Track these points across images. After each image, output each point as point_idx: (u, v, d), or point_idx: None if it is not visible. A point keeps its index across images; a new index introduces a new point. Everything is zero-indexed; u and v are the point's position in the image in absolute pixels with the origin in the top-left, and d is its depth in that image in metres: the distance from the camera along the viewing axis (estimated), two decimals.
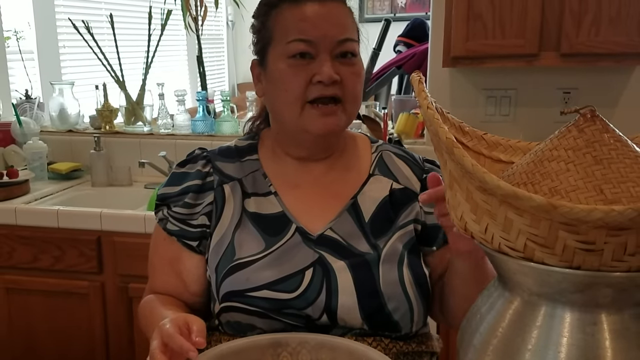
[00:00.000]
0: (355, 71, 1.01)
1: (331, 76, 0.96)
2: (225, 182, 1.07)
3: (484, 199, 0.59)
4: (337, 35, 0.98)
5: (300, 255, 1.00)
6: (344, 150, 1.11)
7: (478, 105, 2.26)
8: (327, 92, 0.97)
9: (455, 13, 1.92)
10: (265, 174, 1.08)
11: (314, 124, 0.99)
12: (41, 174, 2.39)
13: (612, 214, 0.50)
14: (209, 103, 2.54)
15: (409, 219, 1.05)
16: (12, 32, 2.78)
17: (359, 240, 1.02)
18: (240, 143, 1.14)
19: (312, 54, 0.98)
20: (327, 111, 0.98)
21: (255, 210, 1.05)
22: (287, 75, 0.99)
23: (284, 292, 0.97)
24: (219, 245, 1.03)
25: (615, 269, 0.54)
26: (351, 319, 0.97)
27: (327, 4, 0.99)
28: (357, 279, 0.98)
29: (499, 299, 0.65)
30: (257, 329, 0.98)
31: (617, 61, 1.90)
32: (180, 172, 1.10)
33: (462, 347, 0.68)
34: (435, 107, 0.67)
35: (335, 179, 1.08)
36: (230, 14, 5.42)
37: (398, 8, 5.44)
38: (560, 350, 0.57)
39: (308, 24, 0.98)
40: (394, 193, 1.07)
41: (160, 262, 1.10)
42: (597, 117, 0.61)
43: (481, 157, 0.74)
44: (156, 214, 1.10)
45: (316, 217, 1.04)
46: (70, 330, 2.06)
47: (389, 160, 1.11)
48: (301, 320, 0.97)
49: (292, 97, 0.99)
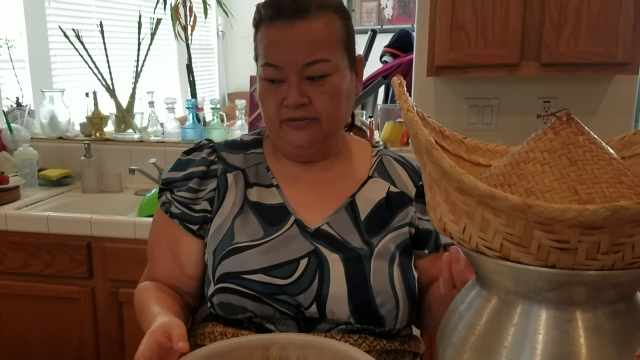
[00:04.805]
0: (326, 91, 1.01)
1: (296, 101, 1.00)
2: (229, 171, 1.11)
3: (462, 199, 0.60)
4: (304, 58, 0.99)
5: (296, 245, 1.03)
6: (341, 152, 1.14)
7: (461, 114, 2.29)
8: (295, 114, 1.01)
9: (439, 23, 1.95)
10: (268, 167, 1.12)
11: (290, 138, 1.04)
12: (32, 181, 2.40)
13: (585, 213, 0.51)
14: (199, 111, 2.56)
15: (403, 222, 1.08)
16: (4, 41, 2.78)
17: (354, 236, 1.05)
18: (246, 137, 1.18)
19: (281, 78, 1.01)
20: (300, 126, 1.02)
21: (256, 199, 1.08)
22: (262, 97, 1.04)
23: (279, 278, 1.00)
24: (218, 230, 1.06)
25: (589, 267, 0.55)
26: (339, 310, 0.99)
27: (297, 24, 0.99)
28: (348, 271, 1.01)
29: (477, 298, 0.66)
30: (248, 311, 1.00)
31: (595, 71, 1.92)
32: (186, 159, 1.14)
33: (441, 344, 0.69)
34: (416, 110, 0.68)
35: (334, 177, 1.11)
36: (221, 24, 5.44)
37: (385, 20, 5.51)
38: (536, 347, 0.58)
39: (275, 48, 1.00)
40: (391, 196, 1.10)
41: (159, 245, 1.12)
42: (573, 120, 0.62)
43: (461, 160, 0.74)
44: (159, 198, 1.13)
45: (315, 212, 1.07)
46: (61, 335, 2.07)
47: (388, 165, 1.14)
48: (291, 308, 1.00)
49: (268, 117, 1.05)
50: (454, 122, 2.28)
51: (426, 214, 1.06)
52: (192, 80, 2.73)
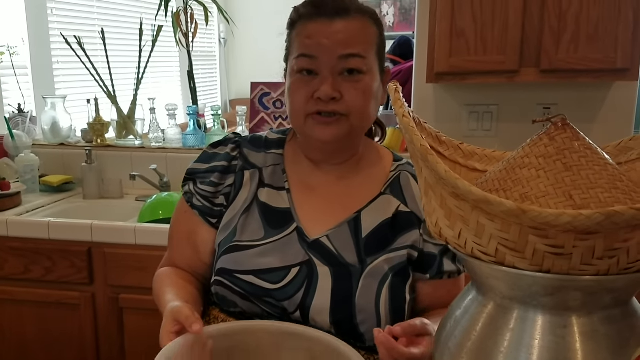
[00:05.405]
0: (359, 87, 1.01)
1: (328, 94, 0.99)
2: (247, 169, 1.13)
3: (457, 204, 0.60)
4: (339, 51, 1.00)
5: (292, 252, 1.05)
6: (362, 160, 1.13)
7: (461, 121, 2.29)
8: (326, 108, 1.01)
9: (438, 30, 1.95)
10: (285, 169, 1.13)
11: (314, 132, 1.04)
12: (33, 187, 2.41)
13: (580, 218, 0.51)
14: (200, 117, 2.57)
15: (404, 244, 1.06)
16: (6, 48, 2.80)
17: (350, 253, 1.05)
18: (272, 135, 1.18)
19: (315, 70, 1.01)
20: (326, 121, 1.02)
21: (265, 200, 1.10)
22: (293, 90, 1.04)
23: (267, 282, 1.03)
24: (227, 224, 1.10)
25: (584, 272, 0.55)
26: (321, 320, 1.01)
27: (336, 21, 1.01)
28: (335, 285, 1.02)
29: (473, 303, 0.66)
30: (238, 307, 1.05)
31: (595, 77, 1.92)
32: (212, 152, 1.16)
33: (437, 350, 0.69)
34: (413, 116, 0.68)
35: (346, 189, 1.11)
36: (223, 31, 5.47)
37: (386, 27, 5.53)
38: (532, 352, 0.58)
39: (312, 41, 1.01)
40: (398, 215, 1.08)
41: (179, 234, 1.17)
42: (568, 126, 0.62)
43: (457, 166, 0.74)
44: (183, 187, 1.16)
45: (317, 222, 1.07)
46: (62, 340, 2.07)
47: (404, 182, 1.11)
48: (277, 310, 1.02)
49: (295, 109, 1.04)
50: (454, 128, 2.28)
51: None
52: (193, 86, 2.74)
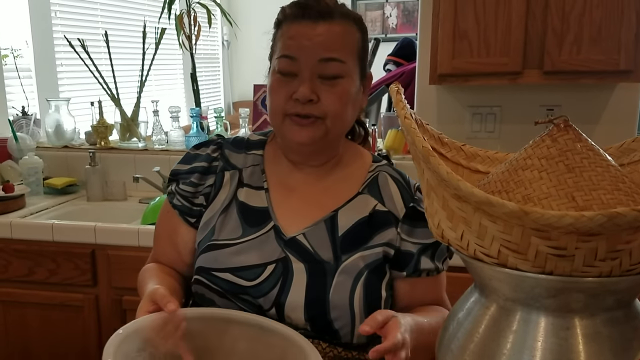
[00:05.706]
0: (336, 92, 1.02)
1: (305, 96, 1.01)
2: (227, 170, 1.14)
3: (459, 206, 0.60)
4: (321, 53, 1.01)
5: (268, 250, 1.06)
6: (341, 161, 1.14)
7: (464, 122, 2.29)
8: (302, 110, 1.02)
9: (441, 32, 1.95)
10: (264, 169, 1.14)
11: (291, 134, 1.05)
12: (37, 189, 2.42)
13: (582, 220, 0.50)
14: (203, 119, 2.57)
15: (380, 242, 1.07)
16: (10, 50, 2.81)
17: (326, 250, 1.06)
18: (253, 137, 1.20)
19: (295, 71, 1.02)
20: (302, 123, 1.03)
21: (243, 199, 1.11)
22: (272, 89, 1.05)
23: (244, 280, 1.04)
24: (206, 224, 1.12)
25: (587, 274, 0.55)
26: (296, 317, 1.02)
27: (320, 24, 1.02)
28: (310, 282, 1.03)
29: (476, 305, 0.66)
30: (215, 305, 1.06)
31: (598, 79, 1.91)
32: (194, 153, 1.18)
33: (440, 351, 0.70)
34: (415, 118, 0.68)
35: (325, 189, 1.12)
36: (226, 34, 5.49)
37: (389, 29, 5.54)
38: (534, 354, 0.58)
39: (294, 42, 1.02)
40: (375, 214, 1.09)
41: (161, 233, 1.19)
42: (570, 127, 0.63)
43: (460, 167, 0.75)
44: (167, 187, 1.18)
45: (295, 221, 1.09)
46: (65, 342, 2.07)
47: (382, 182, 1.13)
48: (254, 308, 1.03)
49: (274, 108, 1.06)
50: (457, 130, 2.28)
51: (412, 235, 1.08)
52: (196, 89, 2.75)
